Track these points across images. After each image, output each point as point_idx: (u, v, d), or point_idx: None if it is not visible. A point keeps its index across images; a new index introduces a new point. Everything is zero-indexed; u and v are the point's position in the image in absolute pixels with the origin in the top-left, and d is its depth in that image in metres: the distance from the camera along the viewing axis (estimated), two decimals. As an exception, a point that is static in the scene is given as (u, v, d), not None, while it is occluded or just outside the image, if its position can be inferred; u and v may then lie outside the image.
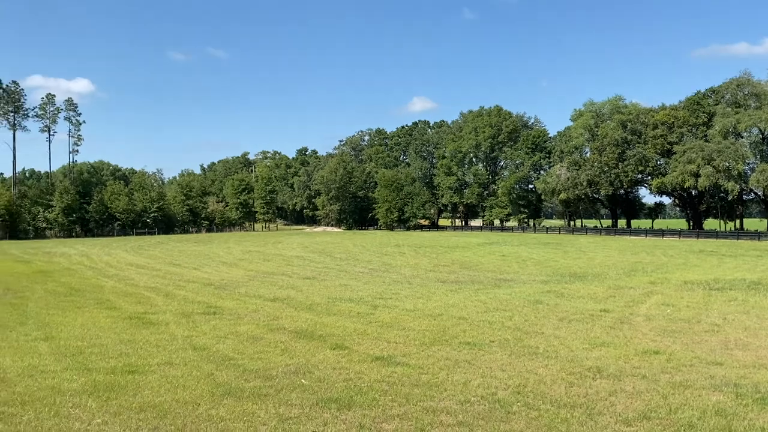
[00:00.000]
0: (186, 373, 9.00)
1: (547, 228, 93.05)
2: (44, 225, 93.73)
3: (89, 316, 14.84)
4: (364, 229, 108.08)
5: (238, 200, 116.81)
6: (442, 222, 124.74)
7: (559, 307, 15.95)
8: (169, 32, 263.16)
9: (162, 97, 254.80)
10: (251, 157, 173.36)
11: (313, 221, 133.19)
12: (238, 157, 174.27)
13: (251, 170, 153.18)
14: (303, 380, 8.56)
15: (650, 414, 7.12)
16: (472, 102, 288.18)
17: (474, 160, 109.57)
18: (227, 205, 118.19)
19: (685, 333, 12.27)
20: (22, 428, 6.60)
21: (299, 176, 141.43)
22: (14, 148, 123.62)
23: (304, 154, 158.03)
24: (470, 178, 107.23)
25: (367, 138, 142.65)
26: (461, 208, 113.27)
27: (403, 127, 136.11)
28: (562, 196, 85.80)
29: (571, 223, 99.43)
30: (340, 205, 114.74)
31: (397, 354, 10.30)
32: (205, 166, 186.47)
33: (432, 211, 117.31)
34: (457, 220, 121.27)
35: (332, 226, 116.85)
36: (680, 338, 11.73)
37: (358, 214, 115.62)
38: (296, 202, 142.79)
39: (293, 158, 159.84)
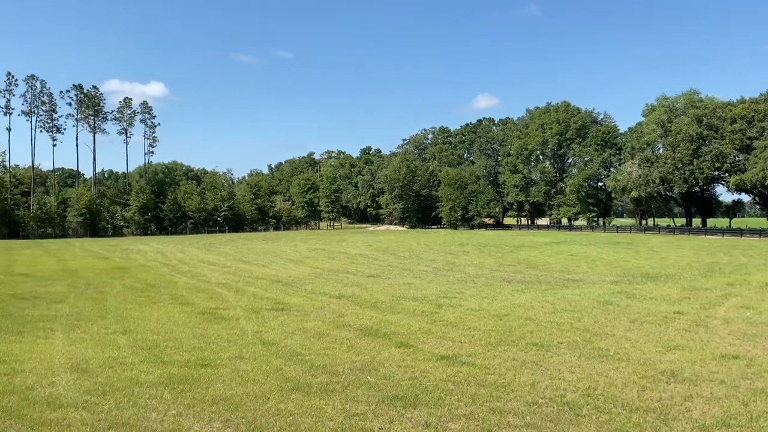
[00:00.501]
0: (256, 367, 9.24)
1: (618, 227, 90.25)
2: (122, 223, 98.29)
3: (164, 311, 15.44)
4: (428, 228, 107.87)
5: (304, 199, 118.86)
6: (507, 221, 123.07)
7: (630, 308, 15.46)
8: (236, 35, 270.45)
9: (231, 99, 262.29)
10: (317, 156, 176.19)
11: (377, 220, 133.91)
12: (304, 157, 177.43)
13: (316, 170, 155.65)
14: (369, 377, 8.63)
15: (729, 421, 6.82)
16: (539, 98, 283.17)
17: (541, 157, 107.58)
18: (294, 204, 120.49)
19: (766, 337, 11.65)
20: (104, 416, 6.95)
21: (363, 175, 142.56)
22: (94, 149, 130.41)
23: (368, 154, 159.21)
24: (537, 176, 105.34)
25: (430, 136, 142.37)
26: (527, 207, 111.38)
27: (467, 124, 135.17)
28: (634, 194, 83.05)
29: (643, 221, 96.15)
30: (403, 204, 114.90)
31: (462, 354, 10.24)
32: (273, 165, 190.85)
33: (497, 209, 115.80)
34: (522, 218, 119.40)
35: (395, 224, 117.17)
36: (762, 342, 11.16)
37: (422, 213, 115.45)
38: (360, 201, 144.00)
39: (357, 157, 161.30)
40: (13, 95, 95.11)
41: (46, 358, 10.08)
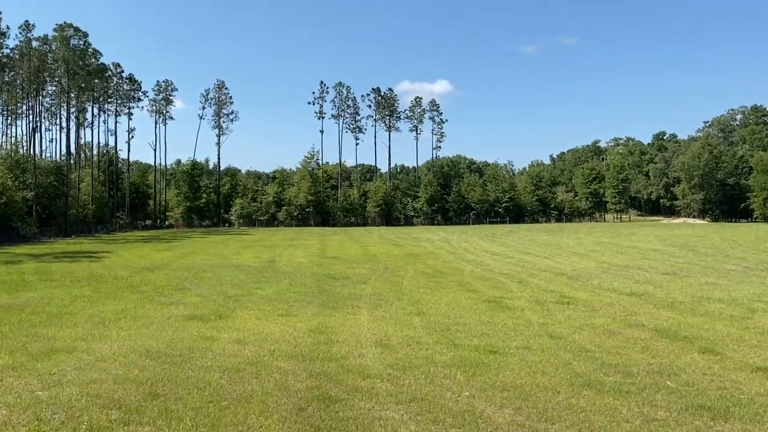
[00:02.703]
0: (544, 359, 9.19)
1: None
2: (412, 213, 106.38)
3: (452, 297, 16.26)
4: (734, 221, 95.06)
5: (588, 190, 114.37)
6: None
7: None
8: (519, 26, 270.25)
9: (513, 91, 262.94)
10: (602, 144, 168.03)
11: (671, 212, 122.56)
12: (588, 145, 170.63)
13: (602, 158, 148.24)
14: (668, 382, 7.97)
15: None
16: None
17: None
18: (576, 195, 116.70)
19: None
20: (405, 390, 7.59)
21: (655, 163, 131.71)
22: (389, 146, 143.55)
23: (661, 139, 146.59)
24: None
25: (739, 117, 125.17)
26: None
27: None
28: None
29: None
30: (704, 194, 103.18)
31: (785, 367, 8.82)
32: (554, 155, 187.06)
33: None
34: None
35: (694, 217, 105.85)
36: None
37: (727, 204, 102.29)
38: (651, 191, 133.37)
39: (648, 144, 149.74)
40: (325, 101, 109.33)
41: (355, 332, 11.38)
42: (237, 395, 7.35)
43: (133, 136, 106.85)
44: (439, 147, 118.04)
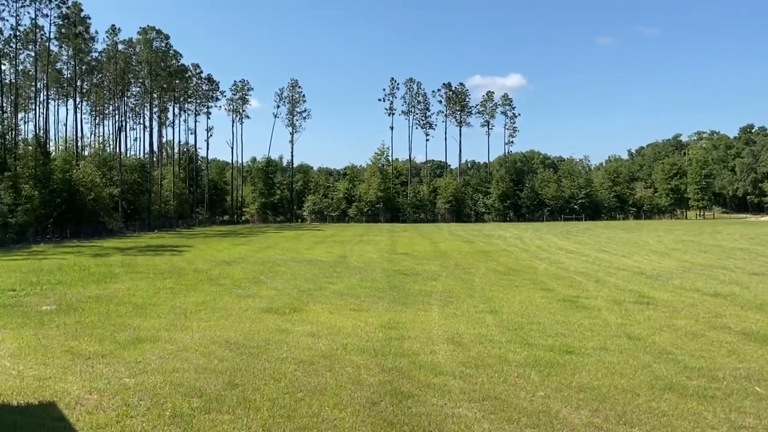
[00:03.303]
0: (622, 360, 8.91)
1: None
2: (483, 210, 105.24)
3: (526, 295, 15.98)
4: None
5: (669, 186, 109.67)
6: None
7: None
8: (596, 18, 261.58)
9: (588, 84, 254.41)
10: (684, 138, 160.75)
11: (759, 209, 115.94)
12: (668, 139, 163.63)
13: (684, 153, 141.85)
14: (757, 388, 7.55)
15: None
16: None
17: None
18: (656, 191, 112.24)
19: None
20: (478, 388, 7.53)
21: (742, 158, 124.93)
22: (460, 142, 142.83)
23: (749, 132, 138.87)
24: None
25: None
26: None
27: None
28: None
29: None
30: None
31: None
32: (633, 150, 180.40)
33: None
34: None
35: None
36: None
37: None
38: (737, 188, 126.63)
39: (735, 137, 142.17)
40: (395, 98, 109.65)
41: (426, 328, 11.38)
42: (311, 387, 7.50)
43: (211, 135, 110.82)
44: (512, 142, 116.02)
